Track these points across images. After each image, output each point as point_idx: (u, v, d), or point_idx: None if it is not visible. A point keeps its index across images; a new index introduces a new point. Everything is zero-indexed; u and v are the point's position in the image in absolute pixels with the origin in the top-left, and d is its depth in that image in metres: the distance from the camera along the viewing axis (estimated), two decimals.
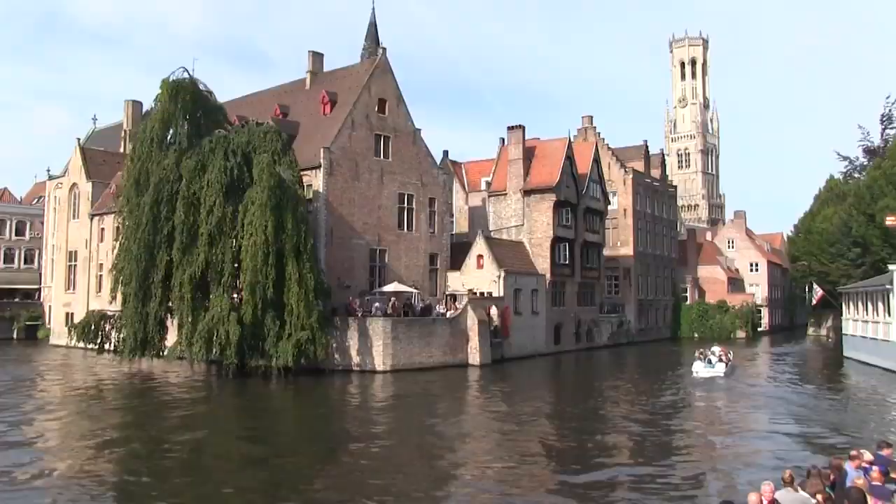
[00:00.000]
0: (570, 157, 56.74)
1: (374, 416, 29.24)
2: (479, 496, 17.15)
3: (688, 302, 78.63)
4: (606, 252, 65.54)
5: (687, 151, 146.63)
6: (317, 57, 53.89)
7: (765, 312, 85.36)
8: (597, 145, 63.55)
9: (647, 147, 77.07)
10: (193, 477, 18.93)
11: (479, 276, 50.00)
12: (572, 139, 60.59)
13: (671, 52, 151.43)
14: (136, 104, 67.86)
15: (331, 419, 29.21)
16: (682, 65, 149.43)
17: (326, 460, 21.14)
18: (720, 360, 40.69)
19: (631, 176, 69.54)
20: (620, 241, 69.19)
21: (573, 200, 56.99)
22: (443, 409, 30.32)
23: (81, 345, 47.18)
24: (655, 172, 77.43)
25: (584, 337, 59.62)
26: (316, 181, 43.89)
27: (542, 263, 54.70)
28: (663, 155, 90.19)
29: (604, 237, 63.77)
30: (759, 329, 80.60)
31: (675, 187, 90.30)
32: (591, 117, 71.41)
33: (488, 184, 60.21)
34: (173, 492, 17.34)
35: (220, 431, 26.15)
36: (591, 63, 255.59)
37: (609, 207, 65.11)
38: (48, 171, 72.94)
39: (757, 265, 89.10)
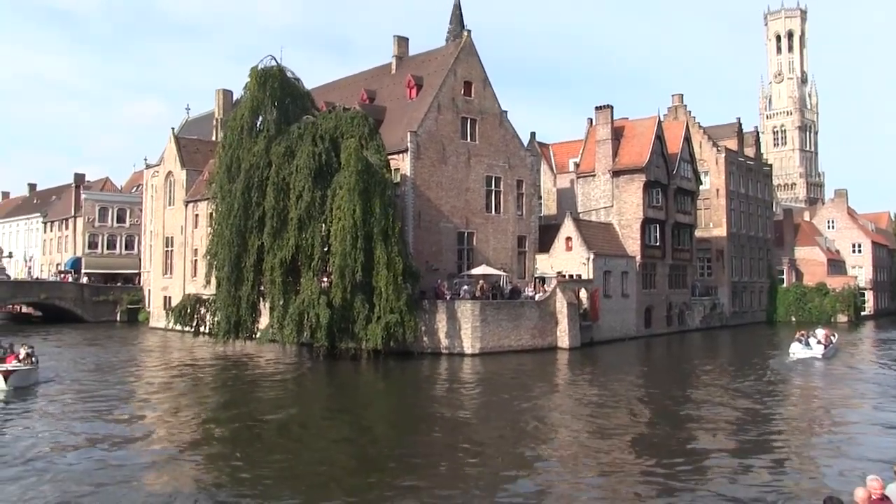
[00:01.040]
0: (659, 137, 55.48)
1: (462, 399, 29.18)
2: (567, 480, 16.86)
3: (784, 284, 76.12)
4: (698, 233, 64.00)
5: (783, 128, 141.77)
6: (402, 41, 53.92)
7: (869, 296, 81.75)
8: (687, 124, 61.92)
9: (740, 124, 74.76)
10: (285, 455, 19.18)
11: (567, 258, 49.39)
12: (662, 118, 59.25)
13: (766, 24, 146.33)
14: (227, 93, 69.35)
15: (420, 401, 29.33)
16: (778, 38, 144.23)
17: (415, 441, 21.18)
18: (819, 343, 39.22)
19: (723, 155, 67.57)
20: (713, 222, 67.40)
21: (663, 181, 55.73)
22: (531, 393, 30.03)
23: (178, 327, 48.61)
24: (749, 151, 75.03)
25: (675, 320, 58.38)
26: (403, 165, 44.02)
27: (632, 245, 53.73)
28: (757, 132, 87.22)
29: (695, 218, 62.20)
30: (862, 313, 77.16)
31: (771, 166, 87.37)
32: (682, 95, 69.60)
33: (576, 165, 59.36)
34: (266, 467, 17.60)
35: (310, 411, 26.56)
36: (681, 40, 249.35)
37: (701, 187, 63.44)
38: (145, 160, 75.34)
39: (860, 246, 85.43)
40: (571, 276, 47.75)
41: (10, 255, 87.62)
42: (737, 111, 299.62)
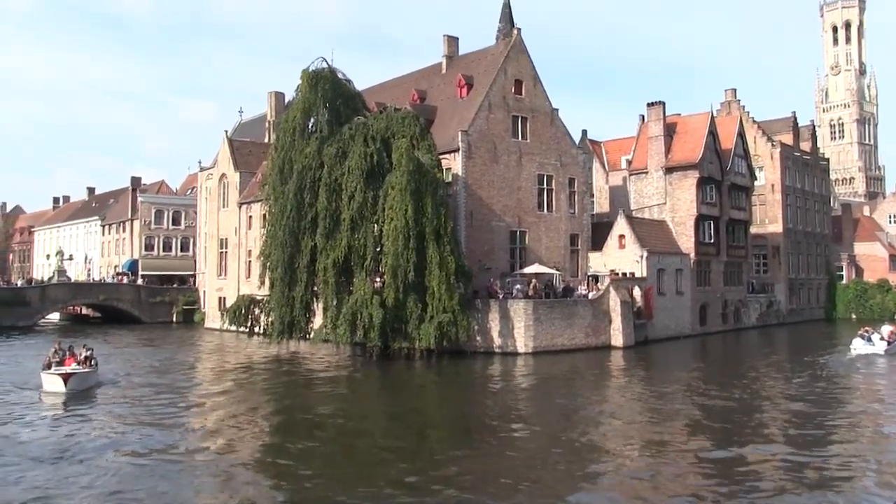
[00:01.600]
0: (712, 133, 54.65)
1: (516, 398, 29.09)
2: (623, 481, 16.65)
3: (844, 281, 74.38)
4: (753, 229, 62.87)
5: (841, 122, 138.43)
6: (452, 41, 53.87)
7: None
8: (741, 119, 60.92)
9: (795, 119, 73.30)
10: (339, 455, 19.33)
11: (620, 256, 48.90)
12: (715, 114, 58.36)
13: (822, 16, 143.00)
14: (279, 95, 69.95)
15: (474, 400, 29.27)
16: (835, 29, 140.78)
17: (470, 440, 21.12)
18: (882, 339, 38.24)
19: (778, 149, 66.28)
20: (768, 218, 66.16)
21: (717, 177, 54.89)
22: (586, 392, 29.84)
23: (233, 328, 49.21)
24: (805, 145, 73.54)
25: (730, 318, 57.42)
26: (455, 164, 43.99)
27: (686, 242, 53.01)
28: (814, 126, 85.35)
29: (750, 214, 61.09)
30: None
31: (828, 160, 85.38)
32: (735, 90, 68.48)
33: (629, 162, 58.78)
34: (319, 467, 17.76)
35: (364, 412, 26.65)
36: (734, 33, 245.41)
37: (756, 183, 62.29)
38: (199, 162, 76.44)
39: None
40: (625, 274, 47.26)
41: (71, 258, 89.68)
42: (792, 105, 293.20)
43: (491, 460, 18.74)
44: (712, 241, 54.96)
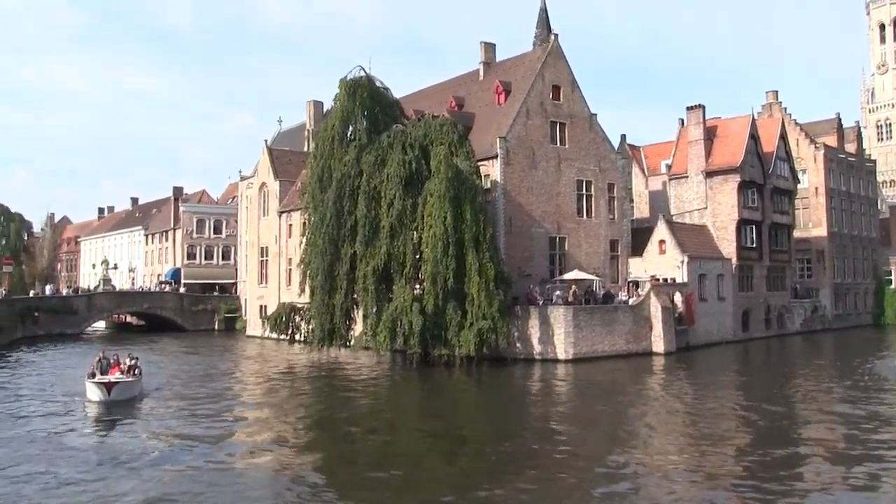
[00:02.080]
0: (754, 136, 53.99)
1: (557, 405, 28.96)
2: (662, 489, 16.41)
3: (893, 286, 72.81)
4: (797, 233, 61.88)
5: (888, 122, 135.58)
6: (489, 47, 53.88)
7: None
8: (783, 121, 60.07)
9: (839, 120, 72.04)
10: (378, 461, 19.31)
11: (661, 261, 48.48)
12: (756, 116, 57.60)
13: (868, 13, 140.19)
14: (318, 104, 70.57)
15: (514, 407, 29.19)
16: (882, 27, 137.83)
17: (509, 449, 20.97)
18: None
19: (822, 152, 65.16)
20: (812, 222, 65.06)
21: (759, 180, 54.21)
22: (627, 399, 29.57)
23: (274, 335, 49.62)
24: (850, 146, 72.24)
25: (774, 323, 56.57)
26: (493, 171, 43.97)
27: (728, 247, 52.38)
28: (859, 127, 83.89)
29: (793, 218, 60.20)
30: None
31: (875, 161, 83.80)
32: (776, 92, 67.53)
33: (668, 167, 58.29)
34: (360, 474, 17.80)
35: (405, 418, 26.73)
36: (775, 34, 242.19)
37: (799, 186, 61.36)
38: (240, 172, 77.39)
39: None
40: (665, 280, 46.88)
41: (115, 267, 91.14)
42: (836, 106, 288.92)
43: (532, 467, 18.62)
44: (754, 245, 54.26)
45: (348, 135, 42.45)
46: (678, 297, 46.27)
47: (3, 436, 21.72)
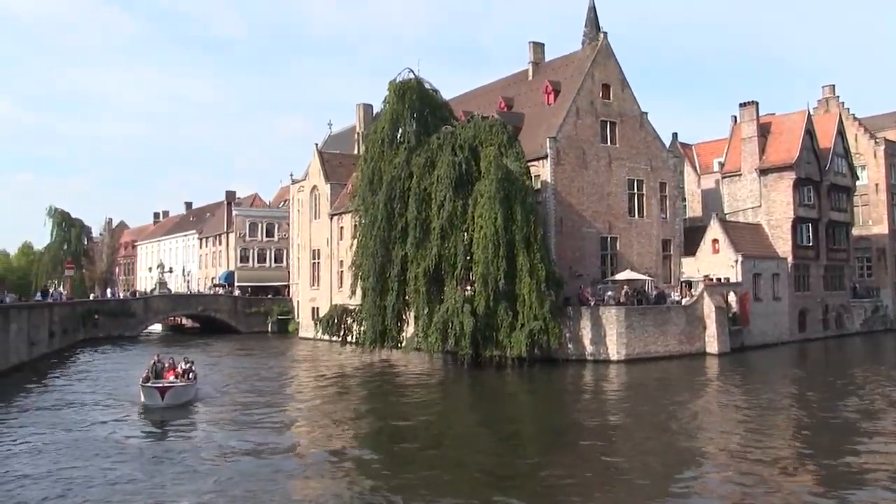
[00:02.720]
0: (810, 132, 52.97)
1: (610, 406, 28.71)
2: (718, 494, 16.16)
3: None
4: (856, 231, 60.49)
5: None
6: (537, 47, 53.68)
7: None
8: (840, 116, 58.81)
9: None
10: (430, 462, 19.39)
11: (714, 261, 47.82)
12: (812, 112, 56.53)
13: None
14: (367, 107, 70.90)
15: (566, 409, 29.04)
16: None
17: (561, 450, 20.91)
18: None
19: (882, 147, 63.59)
20: (872, 219, 63.53)
21: (815, 177, 53.16)
22: (680, 400, 29.17)
23: (326, 337, 50.05)
24: None
25: (832, 323, 55.39)
26: (543, 171, 43.81)
27: (783, 246, 51.45)
28: None
29: (852, 215, 58.87)
30: None
31: None
32: (833, 86, 66.15)
33: (721, 165, 57.45)
34: (411, 475, 17.87)
35: (456, 419, 26.76)
36: (831, 25, 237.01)
37: (857, 183, 60.03)
38: (291, 175, 78.05)
39: None
40: (719, 280, 46.25)
41: (171, 270, 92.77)
42: None
43: (585, 469, 18.52)
44: (811, 244, 53.22)
45: (398, 137, 42.63)
46: (732, 297, 45.63)
47: (61, 438, 22.15)
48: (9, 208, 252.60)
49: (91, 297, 78.07)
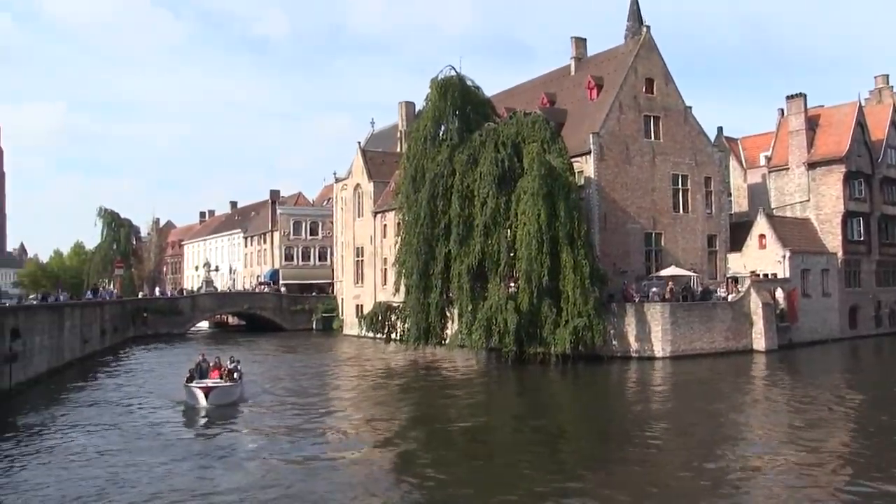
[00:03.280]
0: (861, 124, 51.92)
1: (655, 404, 28.52)
2: (763, 496, 15.91)
3: None
4: None
5: None
6: (580, 42, 53.38)
7: None
8: (894, 106, 57.47)
9: None
10: (475, 459, 19.48)
11: (761, 256, 47.13)
12: (863, 103, 55.35)
13: None
14: (409, 105, 71.06)
15: (610, 406, 28.93)
16: None
17: (606, 448, 20.85)
18: None
19: None
20: None
21: (867, 170, 52.10)
22: (727, 398, 28.84)
23: (370, 334, 50.29)
24: None
25: (885, 320, 54.18)
26: (587, 167, 43.57)
27: (833, 241, 50.52)
28: None
29: None
30: None
31: None
32: (886, 76, 64.48)
33: (768, 159, 56.53)
34: (457, 470, 17.99)
35: (500, 416, 26.75)
36: (882, 14, 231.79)
37: None
38: (334, 174, 78.51)
39: None
40: (766, 276, 45.58)
41: (217, 269, 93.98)
42: None
43: (631, 468, 18.41)
44: (862, 239, 52.14)
45: (440, 134, 42.72)
46: (780, 294, 44.93)
47: (109, 435, 22.55)
48: (63, 209, 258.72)
49: (140, 296, 79.34)
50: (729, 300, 43.13)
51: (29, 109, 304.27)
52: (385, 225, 62.02)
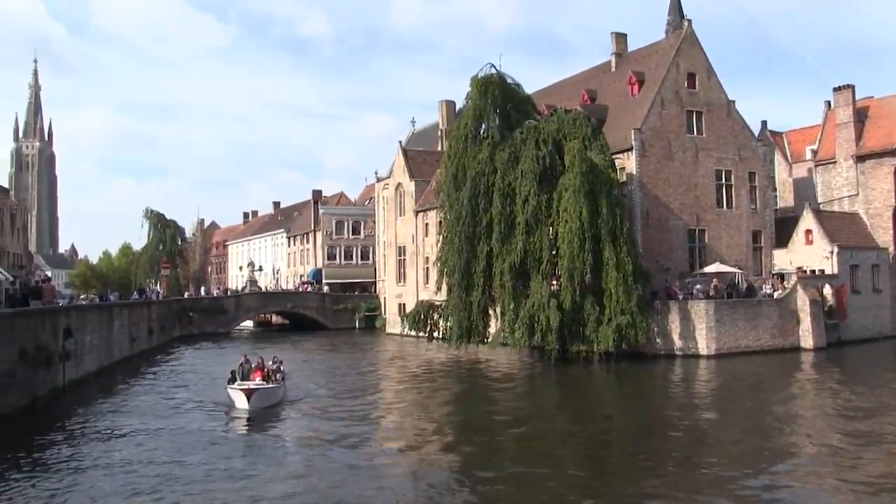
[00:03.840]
0: None
1: (699, 403, 28.20)
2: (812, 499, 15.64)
3: None
4: None
5: None
6: (620, 38, 53.01)
7: None
8: None
9: None
10: (519, 458, 19.36)
11: (808, 252, 46.38)
12: None
13: None
14: (450, 103, 71.09)
15: (655, 405, 28.66)
16: None
17: (650, 447, 20.59)
18: None
19: None
20: None
21: None
22: (774, 397, 28.39)
23: (413, 333, 50.44)
24: None
25: None
26: (628, 163, 43.27)
27: (883, 236, 49.43)
28: None
29: None
30: None
31: None
32: None
33: (814, 152, 55.57)
34: (500, 469, 17.87)
35: (544, 415, 26.63)
36: None
37: None
38: (376, 173, 78.90)
39: None
40: (813, 272, 44.85)
41: (261, 269, 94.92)
42: None
43: (676, 469, 18.23)
44: None
45: (481, 132, 42.73)
46: (828, 290, 44.19)
47: (154, 434, 22.81)
48: (111, 211, 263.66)
49: (185, 296, 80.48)
50: (775, 297, 42.51)
51: (81, 115, 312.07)
52: (427, 224, 62.15)
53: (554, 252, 38.34)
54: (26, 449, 20.05)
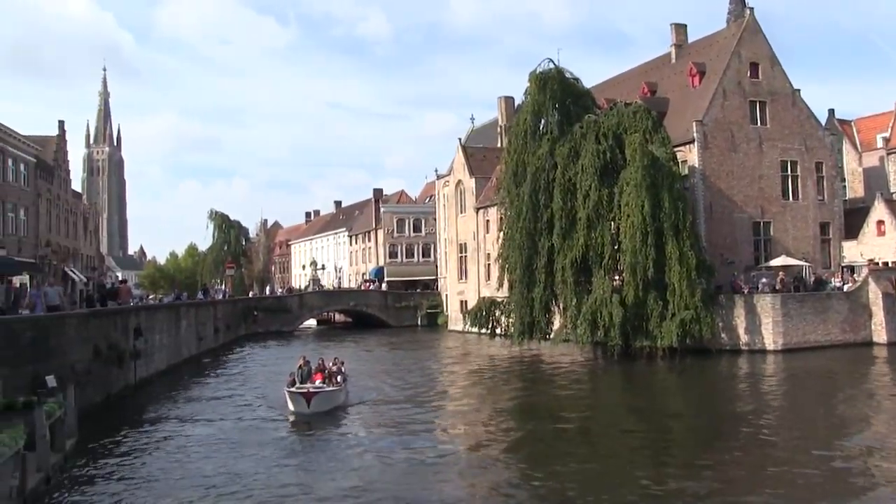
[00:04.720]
0: None
1: (766, 400, 27.72)
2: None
3: None
4: None
5: None
6: (679, 28, 52.28)
7: None
8: None
9: None
10: (582, 454, 19.43)
11: (880, 243, 45.15)
12: None
13: None
14: (508, 100, 70.96)
15: (721, 401, 28.27)
16: None
17: (717, 445, 20.30)
18: None
19: None
20: None
21: None
22: (845, 393, 27.72)
23: (475, 330, 50.59)
24: None
25: None
26: (691, 156, 42.73)
27: None
28: None
29: None
30: None
31: None
32: None
33: (885, 140, 54.11)
34: (563, 467, 17.90)
35: (607, 412, 26.61)
36: None
37: None
38: (436, 171, 79.27)
39: None
40: (886, 264, 43.61)
41: (323, 268, 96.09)
42: None
43: (744, 466, 17.91)
44: None
45: (540, 128, 42.60)
46: None
47: (215, 434, 23.23)
48: (178, 213, 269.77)
49: (250, 295, 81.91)
50: (844, 290, 41.54)
51: (147, 120, 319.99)
52: (487, 220, 62.15)
53: (616, 247, 38.10)
54: (103, 440, 20.98)
